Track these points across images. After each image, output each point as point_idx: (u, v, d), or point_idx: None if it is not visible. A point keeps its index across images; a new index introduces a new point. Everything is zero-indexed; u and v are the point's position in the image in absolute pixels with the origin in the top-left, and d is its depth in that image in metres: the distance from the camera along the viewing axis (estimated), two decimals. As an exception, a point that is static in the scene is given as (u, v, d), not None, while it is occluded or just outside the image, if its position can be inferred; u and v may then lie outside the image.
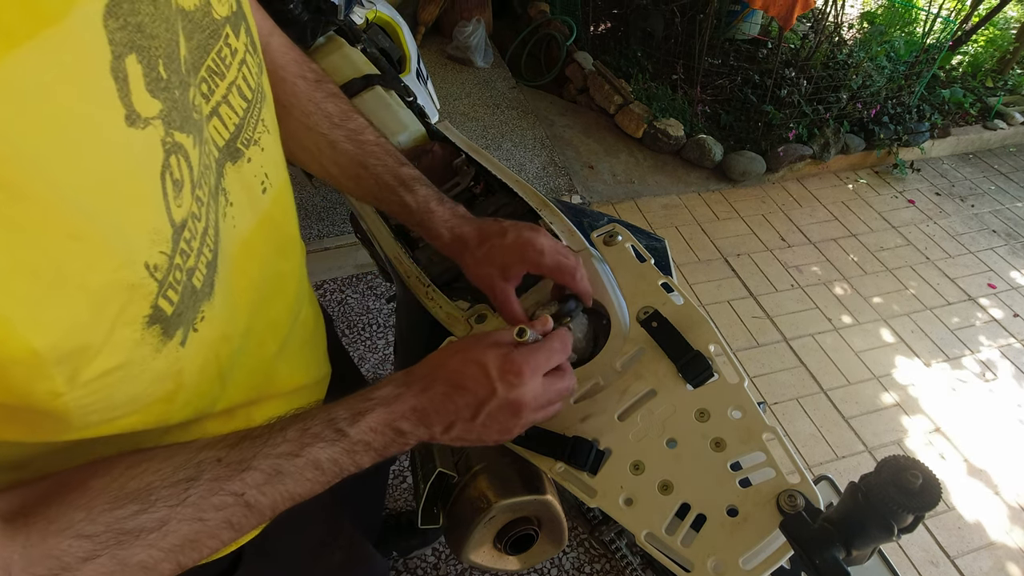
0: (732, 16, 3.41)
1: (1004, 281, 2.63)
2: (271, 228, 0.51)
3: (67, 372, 0.31)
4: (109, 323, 0.32)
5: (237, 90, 0.44)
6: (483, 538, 0.67)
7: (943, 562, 1.70)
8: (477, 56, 3.38)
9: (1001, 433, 2.05)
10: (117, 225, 0.31)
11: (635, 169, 2.97)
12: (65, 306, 0.30)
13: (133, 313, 0.33)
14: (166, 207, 0.34)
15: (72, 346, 0.31)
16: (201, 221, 0.38)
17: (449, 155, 0.94)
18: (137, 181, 0.32)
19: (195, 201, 0.37)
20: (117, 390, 0.36)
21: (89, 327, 0.31)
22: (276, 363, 0.57)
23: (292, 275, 0.59)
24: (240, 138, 0.45)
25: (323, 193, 2.42)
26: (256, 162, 0.48)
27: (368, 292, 2.18)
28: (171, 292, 0.36)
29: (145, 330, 0.35)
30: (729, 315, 2.34)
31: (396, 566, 1.50)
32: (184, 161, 0.36)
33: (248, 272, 0.48)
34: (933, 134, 3.25)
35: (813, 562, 0.48)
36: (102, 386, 0.34)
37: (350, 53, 1.11)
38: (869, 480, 0.46)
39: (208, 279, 0.40)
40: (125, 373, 0.35)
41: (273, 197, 0.51)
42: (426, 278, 0.76)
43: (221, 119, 0.43)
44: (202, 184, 0.38)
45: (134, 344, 0.34)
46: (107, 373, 0.34)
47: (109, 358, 0.33)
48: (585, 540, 1.59)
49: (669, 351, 0.64)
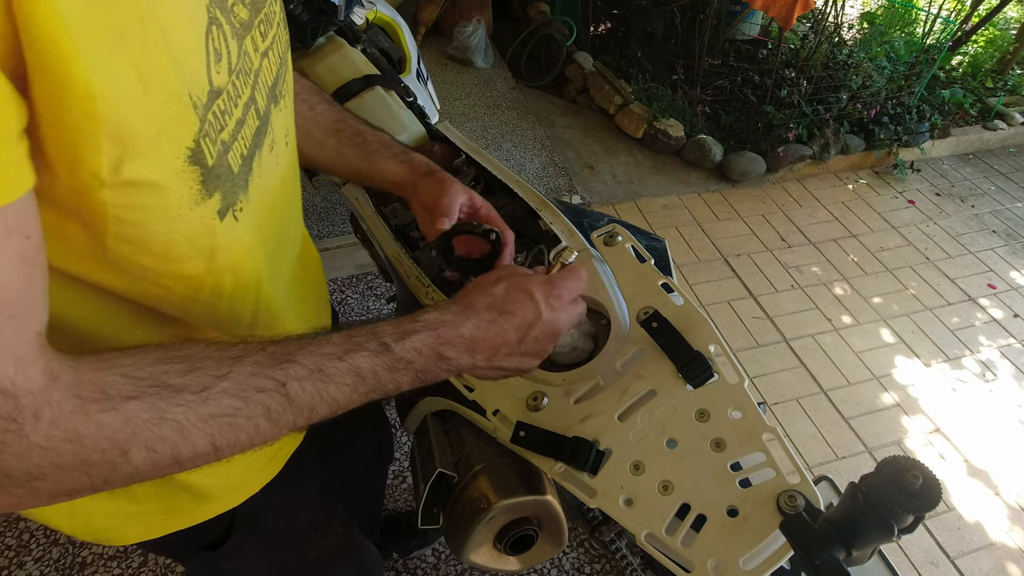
0: (732, 16, 3.40)
1: (1004, 281, 2.63)
2: (293, 181, 0.58)
3: (116, 154, 0.32)
4: (158, 125, 0.34)
5: (276, 45, 0.49)
6: (483, 538, 0.67)
7: (943, 562, 1.70)
8: (477, 56, 3.38)
9: (1001, 433, 2.05)
10: (179, 34, 0.34)
11: (635, 169, 2.97)
12: (122, 70, 0.31)
13: (179, 135, 0.36)
14: (206, 62, 0.37)
15: (123, 119, 0.32)
16: (238, 109, 0.42)
17: (449, 155, 0.94)
18: (192, 17, 0.36)
19: (232, 86, 0.41)
20: (151, 221, 0.37)
21: (143, 113, 0.33)
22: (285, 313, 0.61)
23: (298, 239, 0.65)
24: (277, 87, 0.50)
25: (323, 193, 2.42)
26: (284, 115, 0.53)
27: (368, 292, 2.18)
28: (208, 142, 0.38)
29: (187, 164, 0.37)
30: (729, 315, 2.34)
31: (396, 566, 1.50)
32: (223, 40, 0.39)
33: (278, 212, 0.53)
34: (933, 134, 3.25)
35: (813, 562, 0.48)
36: (139, 201, 0.36)
37: (350, 53, 1.11)
38: (869, 480, 0.46)
39: (243, 174, 0.43)
40: (163, 199, 0.37)
41: (291, 154, 0.56)
42: (426, 278, 0.76)
43: (269, 61, 0.48)
44: (242, 83, 0.42)
45: (175, 172, 0.36)
46: (147, 184, 0.35)
47: (151, 166, 0.35)
48: (585, 540, 1.59)
49: (669, 351, 0.64)
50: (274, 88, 0.50)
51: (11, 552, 1.47)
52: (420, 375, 0.47)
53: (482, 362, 0.50)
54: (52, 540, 1.50)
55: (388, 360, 0.45)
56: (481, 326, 0.49)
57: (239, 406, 0.38)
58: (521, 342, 0.51)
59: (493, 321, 0.50)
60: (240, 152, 0.43)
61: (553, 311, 0.52)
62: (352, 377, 0.43)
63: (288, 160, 0.55)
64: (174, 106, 0.35)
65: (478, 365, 0.50)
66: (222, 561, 0.70)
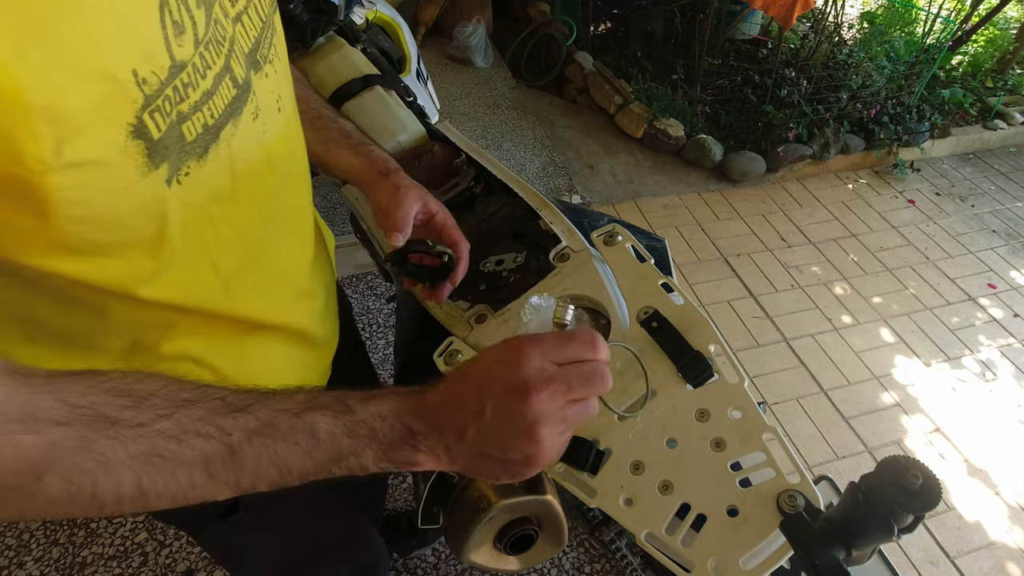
0: (732, 16, 3.40)
1: (1004, 281, 2.63)
2: (287, 147, 0.56)
3: (53, 136, 0.32)
4: (91, 104, 0.34)
5: (254, 8, 0.49)
6: (483, 538, 0.67)
7: (943, 562, 1.70)
8: (477, 56, 3.38)
9: (1001, 433, 2.05)
10: (109, 14, 0.34)
11: (635, 169, 2.97)
12: (50, 57, 0.31)
13: (117, 112, 0.35)
14: (164, 38, 0.37)
15: (56, 104, 0.32)
16: (205, 81, 0.41)
17: (449, 155, 0.94)
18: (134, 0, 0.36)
19: (199, 58, 0.40)
20: (100, 198, 0.37)
21: (72, 93, 0.33)
22: (285, 292, 0.60)
23: (304, 208, 0.63)
24: (259, 51, 0.50)
25: (323, 193, 2.42)
26: (272, 80, 0.52)
27: (368, 292, 2.18)
28: (158, 116, 0.38)
29: (129, 140, 0.36)
30: (729, 315, 2.34)
31: (396, 566, 1.50)
32: (185, 11, 0.39)
33: (265, 179, 0.52)
34: (933, 134, 3.25)
35: (813, 562, 0.48)
36: (86, 181, 0.35)
37: (350, 53, 1.11)
38: (869, 480, 0.46)
39: (202, 141, 0.43)
40: (109, 176, 0.36)
41: (286, 119, 0.55)
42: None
43: (244, 26, 0.47)
44: (212, 52, 0.42)
45: (119, 148, 0.36)
46: (91, 163, 0.35)
47: (92, 145, 0.35)
48: (585, 540, 1.59)
49: (669, 351, 0.64)
50: (254, 53, 0.49)
51: (11, 552, 1.47)
52: (385, 449, 0.41)
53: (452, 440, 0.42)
54: (52, 540, 1.50)
55: (348, 422, 0.40)
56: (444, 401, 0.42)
57: (174, 449, 0.36)
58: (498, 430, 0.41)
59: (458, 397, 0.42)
60: (203, 122, 0.42)
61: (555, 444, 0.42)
62: (306, 437, 0.39)
63: (280, 126, 0.54)
64: (108, 84, 0.34)
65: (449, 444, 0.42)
66: (231, 534, 0.71)
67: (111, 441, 0.34)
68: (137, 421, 0.35)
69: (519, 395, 0.40)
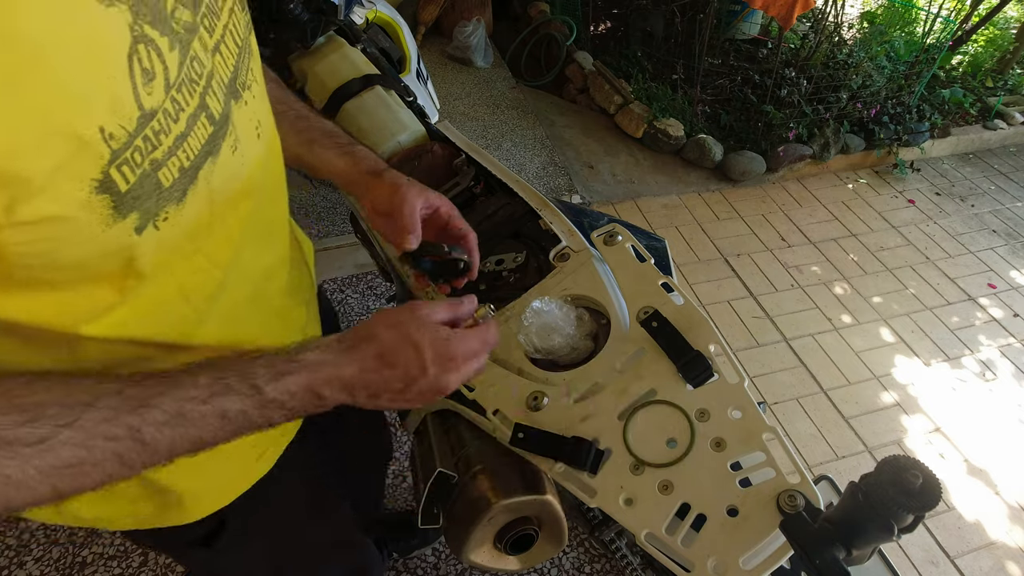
0: (732, 16, 3.40)
1: (1004, 281, 2.63)
2: (264, 170, 0.54)
3: (6, 197, 0.31)
4: (52, 164, 0.33)
5: (230, 34, 0.47)
6: (483, 538, 0.67)
7: (943, 562, 1.70)
8: (477, 56, 3.38)
9: (1001, 433, 2.05)
10: (76, 72, 0.33)
11: (635, 169, 2.97)
12: (11, 119, 0.30)
13: (81, 169, 0.34)
14: (133, 88, 0.36)
15: (12, 168, 0.31)
16: (179, 124, 0.40)
17: (449, 155, 0.94)
18: (102, 48, 0.34)
19: (171, 102, 0.39)
20: (62, 247, 0.36)
21: (32, 155, 0.32)
22: (261, 312, 0.59)
23: (280, 224, 0.62)
24: (238, 79, 0.48)
25: (323, 193, 2.42)
26: (251, 107, 0.51)
27: (368, 292, 2.18)
28: (126, 169, 0.36)
29: (93, 195, 0.35)
30: (729, 315, 2.34)
31: (396, 566, 1.50)
32: (156, 56, 0.37)
33: (242, 206, 0.51)
34: (933, 134, 3.25)
35: (813, 562, 0.48)
36: (44, 235, 0.34)
37: (350, 53, 1.11)
38: (869, 480, 0.46)
39: (180, 185, 0.41)
40: (70, 229, 0.35)
41: (266, 142, 0.54)
42: (426, 278, 0.76)
43: (222, 56, 0.45)
44: (185, 93, 0.40)
45: (80, 204, 0.35)
46: (48, 220, 0.34)
47: (50, 203, 0.33)
48: (585, 540, 1.59)
49: (669, 351, 0.64)
50: (233, 82, 0.47)
51: (11, 552, 1.47)
52: (293, 412, 0.46)
53: (363, 400, 0.50)
54: (52, 540, 1.50)
55: (258, 402, 0.44)
56: (363, 372, 0.48)
57: (83, 456, 0.36)
58: (404, 392, 0.50)
59: (376, 370, 0.49)
60: (179, 165, 0.41)
61: (441, 371, 0.51)
62: (217, 419, 0.42)
63: (261, 151, 0.53)
64: (72, 144, 0.33)
65: (359, 402, 0.50)
66: (218, 558, 0.70)
67: (15, 461, 0.34)
68: (37, 436, 0.35)
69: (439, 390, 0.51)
